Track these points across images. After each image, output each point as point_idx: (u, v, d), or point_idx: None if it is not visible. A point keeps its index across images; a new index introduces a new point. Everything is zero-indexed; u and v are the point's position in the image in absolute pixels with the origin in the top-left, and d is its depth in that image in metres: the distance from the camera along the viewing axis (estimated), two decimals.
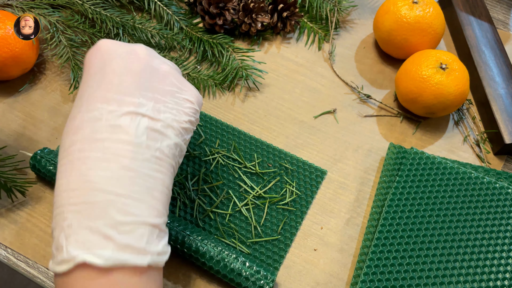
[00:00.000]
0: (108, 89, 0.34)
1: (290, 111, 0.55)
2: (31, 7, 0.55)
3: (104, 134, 0.33)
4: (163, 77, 0.37)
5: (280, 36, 0.62)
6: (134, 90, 0.35)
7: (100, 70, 0.36)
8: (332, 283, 0.45)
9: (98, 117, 0.33)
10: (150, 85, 0.36)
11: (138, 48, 0.38)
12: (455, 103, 0.51)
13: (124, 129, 0.33)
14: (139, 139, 0.33)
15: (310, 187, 0.49)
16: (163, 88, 0.37)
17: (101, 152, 0.32)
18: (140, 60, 0.37)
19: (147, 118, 0.34)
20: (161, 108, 0.36)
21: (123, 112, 0.34)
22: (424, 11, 0.54)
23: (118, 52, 0.37)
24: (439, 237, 0.45)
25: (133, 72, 0.36)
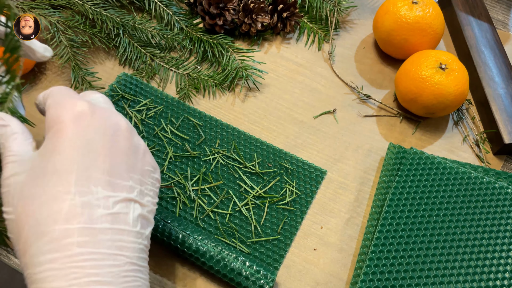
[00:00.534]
0: (101, 169, 0.31)
1: (290, 111, 0.55)
2: (32, 7, 0.55)
3: (105, 224, 0.29)
4: (143, 155, 0.35)
5: (280, 36, 0.62)
6: (124, 171, 0.32)
7: (88, 145, 0.31)
8: (332, 282, 0.45)
9: (95, 203, 0.30)
10: (135, 166, 0.34)
11: (123, 122, 0.34)
12: (455, 103, 0.51)
13: (123, 218, 0.31)
14: (136, 229, 0.31)
15: (310, 187, 0.50)
16: (144, 168, 0.35)
17: (107, 247, 0.29)
18: (126, 137, 0.34)
19: (138, 204, 0.33)
20: (144, 191, 0.34)
21: (119, 198, 0.31)
22: (423, 11, 0.54)
23: (106, 127, 0.33)
24: (439, 237, 0.45)
25: (122, 151, 0.33)
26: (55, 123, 0.32)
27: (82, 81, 0.54)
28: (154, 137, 0.51)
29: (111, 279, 0.28)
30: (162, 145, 0.51)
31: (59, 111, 0.32)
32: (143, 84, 0.54)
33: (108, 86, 0.54)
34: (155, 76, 0.57)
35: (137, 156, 0.34)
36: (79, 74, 0.54)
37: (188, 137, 0.51)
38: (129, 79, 0.54)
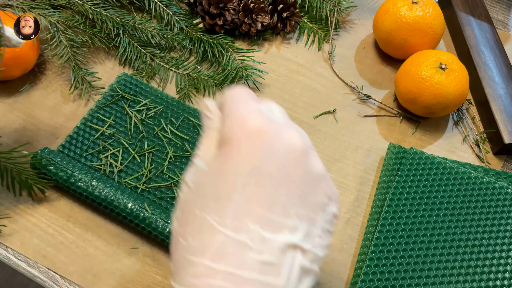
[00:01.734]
0: (263, 203, 0.26)
1: (290, 111, 0.55)
2: (32, 7, 0.55)
3: (253, 273, 0.24)
4: (317, 184, 0.28)
5: (280, 37, 0.62)
6: (289, 207, 0.26)
7: (254, 169, 0.26)
8: (332, 283, 0.45)
9: (249, 245, 0.25)
10: (304, 198, 0.27)
11: (296, 139, 0.27)
12: (455, 103, 0.51)
13: (276, 269, 0.25)
14: (290, 284, 0.25)
15: None
16: (316, 201, 0.27)
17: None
18: (300, 161, 0.27)
19: (299, 251, 0.26)
20: (312, 231, 0.27)
21: (277, 242, 0.25)
22: (423, 11, 0.54)
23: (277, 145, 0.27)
24: (439, 237, 0.45)
25: (291, 180, 0.26)
26: (225, 141, 0.27)
27: (82, 81, 0.54)
28: (154, 137, 0.51)
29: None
30: (162, 145, 0.51)
31: (231, 124, 0.27)
32: (143, 84, 0.54)
33: (108, 86, 0.54)
34: (155, 76, 0.57)
35: (311, 185, 0.27)
36: (79, 74, 0.54)
37: (188, 137, 0.51)
38: (129, 79, 0.54)
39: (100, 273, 0.44)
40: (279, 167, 0.26)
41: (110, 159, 0.49)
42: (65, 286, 0.43)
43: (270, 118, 0.28)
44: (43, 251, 0.45)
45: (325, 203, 0.28)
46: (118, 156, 0.50)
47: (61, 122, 0.52)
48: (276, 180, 0.26)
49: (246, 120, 0.27)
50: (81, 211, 0.47)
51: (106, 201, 0.45)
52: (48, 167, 0.46)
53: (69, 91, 0.55)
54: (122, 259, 0.44)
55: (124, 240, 0.45)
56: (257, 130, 0.27)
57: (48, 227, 0.46)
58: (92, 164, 0.49)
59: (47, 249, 0.45)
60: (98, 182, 0.45)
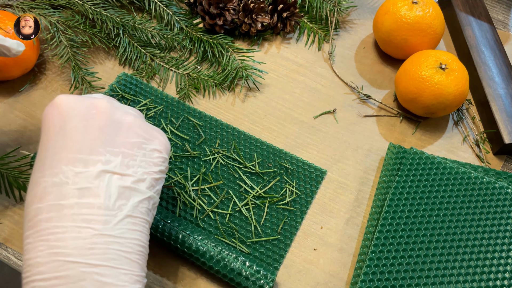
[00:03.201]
0: (71, 149, 0.32)
1: (290, 111, 0.55)
2: (32, 7, 0.55)
3: (72, 199, 0.31)
4: (128, 129, 0.36)
5: (280, 36, 0.62)
6: (99, 147, 0.33)
7: (61, 130, 0.34)
8: (332, 282, 0.45)
9: (64, 181, 0.31)
10: (115, 140, 0.34)
11: (99, 101, 0.36)
12: (455, 103, 0.51)
13: (93, 192, 0.31)
14: (110, 200, 0.32)
15: (310, 187, 0.50)
16: (129, 141, 0.35)
17: (70, 220, 0.30)
18: (102, 115, 0.35)
19: (116, 175, 0.33)
20: (129, 162, 0.34)
21: (90, 172, 0.32)
22: (423, 11, 0.54)
23: (78, 109, 0.35)
24: (439, 237, 0.45)
25: (96, 129, 0.34)
26: (42, 123, 0.35)
27: (82, 81, 0.54)
28: None
29: (73, 251, 0.29)
30: None
31: (45, 110, 0.36)
32: (143, 84, 0.54)
33: (108, 86, 0.54)
34: (155, 76, 0.57)
35: (118, 131, 0.35)
36: (79, 74, 0.54)
37: (188, 137, 0.51)
38: (129, 79, 0.54)
39: None
40: (83, 120, 0.34)
41: None
42: None
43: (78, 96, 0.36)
44: None
45: (140, 142, 0.36)
46: None
47: None
48: (82, 130, 0.33)
49: (54, 99, 0.35)
50: None
51: None
52: None
53: (69, 91, 0.55)
54: None
55: None
56: (61, 101, 0.35)
57: None
58: None
59: None
60: None
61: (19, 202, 0.47)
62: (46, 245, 0.30)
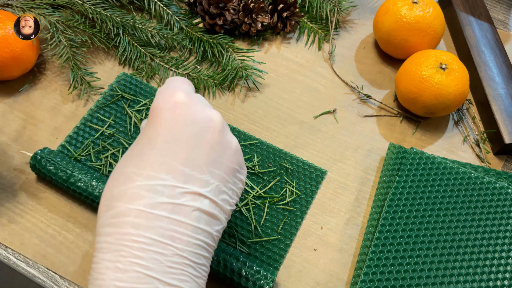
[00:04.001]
0: (178, 158, 0.32)
1: (290, 111, 0.55)
2: (31, 7, 0.55)
3: (164, 212, 0.30)
4: (233, 154, 0.35)
5: (280, 36, 0.62)
6: (204, 164, 0.32)
7: (173, 132, 0.32)
8: (332, 283, 0.45)
9: (160, 190, 0.30)
10: (219, 160, 0.33)
11: (215, 116, 0.34)
12: (455, 103, 0.51)
13: (184, 211, 0.31)
14: (197, 223, 0.31)
15: (310, 187, 0.49)
16: (230, 166, 0.34)
17: (158, 235, 0.30)
18: (216, 132, 0.34)
19: (208, 200, 0.32)
20: (222, 188, 0.33)
21: (187, 190, 0.31)
22: (424, 11, 0.54)
23: (197, 117, 0.33)
24: (439, 237, 0.45)
25: (209, 144, 0.33)
26: (153, 110, 0.33)
27: (81, 81, 0.54)
28: None
29: (154, 266, 0.29)
30: None
31: (158, 98, 0.34)
32: (143, 84, 0.54)
33: (108, 86, 0.54)
34: (155, 76, 0.57)
35: (225, 153, 0.34)
36: (78, 74, 0.54)
37: None
38: (129, 79, 0.54)
39: None
40: (198, 133, 0.33)
41: (110, 159, 0.49)
42: (65, 286, 0.43)
43: (196, 99, 0.34)
44: (43, 251, 0.45)
45: (237, 170, 0.35)
46: (118, 156, 0.50)
47: (61, 122, 0.52)
48: (194, 143, 0.32)
49: (172, 94, 0.33)
50: (81, 211, 0.47)
51: None
52: (48, 167, 0.46)
53: (68, 91, 0.55)
54: None
55: None
56: (181, 102, 0.33)
57: (48, 227, 0.46)
58: (92, 164, 0.49)
59: (47, 249, 0.45)
60: (98, 182, 0.45)
61: (20, 202, 0.47)
62: (129, 252, 0.29)
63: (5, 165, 0.49)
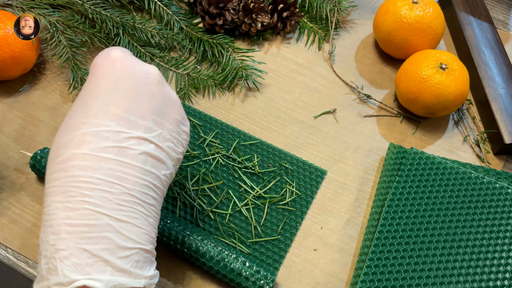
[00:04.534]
0: (121, 106, 0.33)
1: (290, 111, 0.55)
2: (31, 7, 0.55)
3: (110, 155, 0.32)
4: (173, 104, 0.37)
5: (280, 36, 0.62)
6: (146, 112, 0.34)
7: (114, 83, 0.34)
8: (332, 283, 0.45)
9: (105, 136, 0.32)
10: (161, 110, 0.35)
11: (153, 69, 0.36)
12: (455, 103, 0.51)
13: (130, 154, 0.32)
14: (143, 165, 0.33)
15: (310, 187, 0.49)
16: (172, 116, 0.36)
17: (106, 175, 0.31)
18: (155, 83, 0.36)
19: (153, 145, 0.34)
20: (166, 136, 0.35)
21: (131, 135, 0.33)
22: (424, 11, 0.54)
23: (135, 70, 0.35)
24: (439, 237, 0.45)
25: (149, 94, 0.35)
26: (93, 66, 0.36)
27: (81, 81, 0.54)
28: None
29: (103, 203, 0.31)
30: None
31: (97, 57, 0.36)
32: None
33: None
34: None
35: (166, 103, 0.36)
36: (78, 74, 0.54)
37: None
38: None
39: None
40: (138, 84, 0.34)
41: None
42: None
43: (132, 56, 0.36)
44: None
45: (180, 120, 0.37)
46: None
47: (61, 122, 0.52)
48: (135, 93, 0.34)
49: (110, 51, 0.35)
50: None
51: None
52: None
53: (68, 91, 0.55)
54: None
55: None
56: (118, 57, 0.35)
57: None
58: None
59: None
60: None
61: (20, 202, 0.47)
62: (78, 192, 0.30)
63: (5, 165, 0.49)
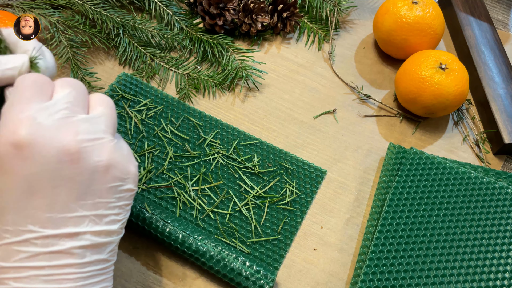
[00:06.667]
0: (39, 206, 0.29)
1: (290, 111, 0.55)
2: (32, 7, 0.55)
3: (42, 262, 0.29)
4: (104, 173, 0.31)
5: (280, 37, 0.62)
6: (72, 202, 0.30)
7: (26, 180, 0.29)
8: (332, 282, 0.45)
9: (33, 243, 0.29)
10: (89, 190, 0.30)
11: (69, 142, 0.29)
12: (455, 103, 0.51)
13: (64, 255, 0.29)
14: (81, 259, 0.30)
15: (310, 187, 0.50)
16: (104, 187, 0.31)
17: (42, 282, 0.29)
18: (74, 163, 0.30)
19: (88, 234, 0.30)
20: (104, 212, 0.31)
21: (60, 233, 0.29)
22: (423, 11, 0.54)
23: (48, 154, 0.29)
24: (439, 237, 0.45)
25: (68, 179, 0.30)
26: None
27: (82, 81, 0.54)
28: (154, 137, 0.51)
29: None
30: (162, 145, 0.51)
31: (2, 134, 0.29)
32: (143, 84, 0.54)
33: (108, 86, 0.54)
34: (155, 76, 0.57)
35: (94, 177, 0.30)
36: (78, 74, 0.54)
37: (188, 137, 0.51)
38: (129, 79, 0.54)
39: None
40: (53, 171, 0.29)
41: None
42: None
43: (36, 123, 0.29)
44: None
45: (117, 185, 0.32)
46: None
47: None
48: (53, 183, 0.29)
49: (16, 131, 0.29)
50: None
51: None
52: None
53: None
54: (122, 259, 0.44)
55: (124, 240, 0.45)
56: (27, 140, 0.28)
57: None
58: None
59: None
60: None
61: None
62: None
63: None
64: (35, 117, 0.29)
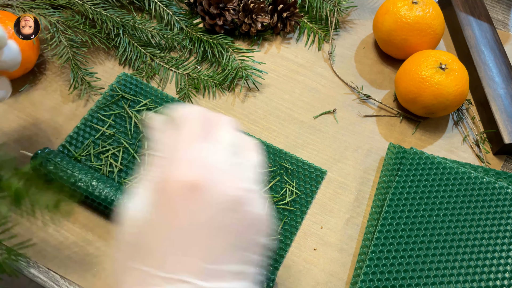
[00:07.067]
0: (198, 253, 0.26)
1: (290, 111, 0.55)
2: (32, 7, 0.55)
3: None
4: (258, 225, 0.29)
5: (280, 37, 0.62)
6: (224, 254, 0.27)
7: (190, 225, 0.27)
8: (332, 282, 0.45)
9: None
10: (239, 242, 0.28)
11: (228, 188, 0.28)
12: (455, 103, 0.51)
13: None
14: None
15: (310, 187, 0.50)
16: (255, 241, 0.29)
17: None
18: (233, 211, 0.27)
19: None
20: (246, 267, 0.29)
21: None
22: (423, 11, 0.54)
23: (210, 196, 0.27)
24: (439, 237, 0.45)
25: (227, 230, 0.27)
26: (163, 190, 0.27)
27: (82, 81, 0.54)
28: None
29: None
30: None
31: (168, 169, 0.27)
32: (143, 84, 0.54)
33: (108, 86, 0.54)
34: (155, 76, 0.57)
35: (248, 229, 0.28)
36: (78, 74, 0.54)
37: None
38: (129, 79, 0.54)
39: (100, 273, 0.44)
40: (214, 218, 0.27)
41: (110, 159, 0.49)
42: (65, 286, 0.43)
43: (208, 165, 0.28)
44: (43, 251, 0.45)
45: (261, 239, 0.29)
46: (118, 156, 0.50)
47: (61, 122, 0.52)
48: (213, 232, 0.27)
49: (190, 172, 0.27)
50: (81, 211, 0.47)
51: (106, 201, 0.45)
52: (48, 167, 0.46)
53: (68, 91, 0.55)
54: None
55: None
56: (193, 183, 0.27)
57: (48, 227, 0.46)
58: (92, 164, 0.49)
59: (47, 249, 0.45)
60: (98, 182, 0.45)
61: None
62: None
63: None
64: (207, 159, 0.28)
